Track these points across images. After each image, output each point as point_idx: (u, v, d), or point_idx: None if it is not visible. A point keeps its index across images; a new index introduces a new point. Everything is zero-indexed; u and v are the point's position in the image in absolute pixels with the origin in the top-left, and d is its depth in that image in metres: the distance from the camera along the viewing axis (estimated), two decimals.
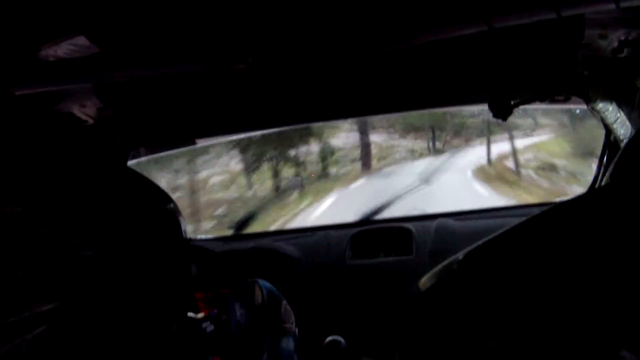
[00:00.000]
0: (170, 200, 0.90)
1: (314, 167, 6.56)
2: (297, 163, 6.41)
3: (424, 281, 0.81)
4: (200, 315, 1.16)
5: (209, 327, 1.12)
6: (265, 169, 5.88)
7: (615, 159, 0.72)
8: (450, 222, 1.94)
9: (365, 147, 6.62)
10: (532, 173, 6.09)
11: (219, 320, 1.14)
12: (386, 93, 1.48)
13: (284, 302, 1.06)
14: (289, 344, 0.97)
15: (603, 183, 1.35)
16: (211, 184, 5.58)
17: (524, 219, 0.72)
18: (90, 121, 1.31)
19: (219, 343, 1.11)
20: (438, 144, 6.76)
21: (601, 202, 0.65)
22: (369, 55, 1.13)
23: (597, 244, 0.59)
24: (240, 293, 1.03)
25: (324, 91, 1.42)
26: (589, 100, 1.29)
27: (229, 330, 1.01)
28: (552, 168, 5.97)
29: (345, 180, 6.55)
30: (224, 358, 1.13)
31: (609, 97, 1.25)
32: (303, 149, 6.28)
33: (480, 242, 0.73)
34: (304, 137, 5.90)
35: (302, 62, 1.12)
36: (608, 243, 0.58)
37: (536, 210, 0.74)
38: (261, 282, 1.05)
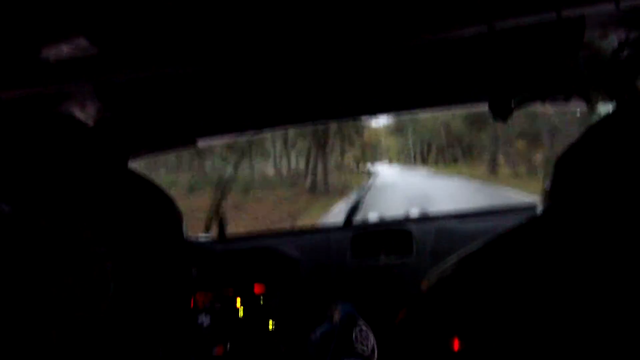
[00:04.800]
0: (171, 201, 0.89)
1: None
2: None
3: (425, 283, 0.81)
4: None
5: (205, 320, 1.12)
6: None
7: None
8: (451, 223, 1.94)
9: None
10: None
11: (214, 310, 1.14)
12: (386, 93, 1.48)
13: (361, 325, 1.16)
14: None
15: None
16: None
17: (525, 220, 0.72)
18: (91, 122, 1.31)
19: (219, 333, 1.12)
20: None
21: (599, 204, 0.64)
22: (369, 55, 1.14)
23: (602, 246, 0.59)
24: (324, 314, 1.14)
25: (325, 91, 1.42)
26: (589, 100, 1.29)
27: (229, 318, 1.06)
28: None
29: None
30: (227, 346, 1.13)
31: (609, 98, 1.25)
32: None
33: (479, 244, 0.73)
34: None
35: (303, 61, 1.12)
36: (614, 247, 0.58)
37: (538, 211, 0.74)
38: (341, 306, 1.17)
